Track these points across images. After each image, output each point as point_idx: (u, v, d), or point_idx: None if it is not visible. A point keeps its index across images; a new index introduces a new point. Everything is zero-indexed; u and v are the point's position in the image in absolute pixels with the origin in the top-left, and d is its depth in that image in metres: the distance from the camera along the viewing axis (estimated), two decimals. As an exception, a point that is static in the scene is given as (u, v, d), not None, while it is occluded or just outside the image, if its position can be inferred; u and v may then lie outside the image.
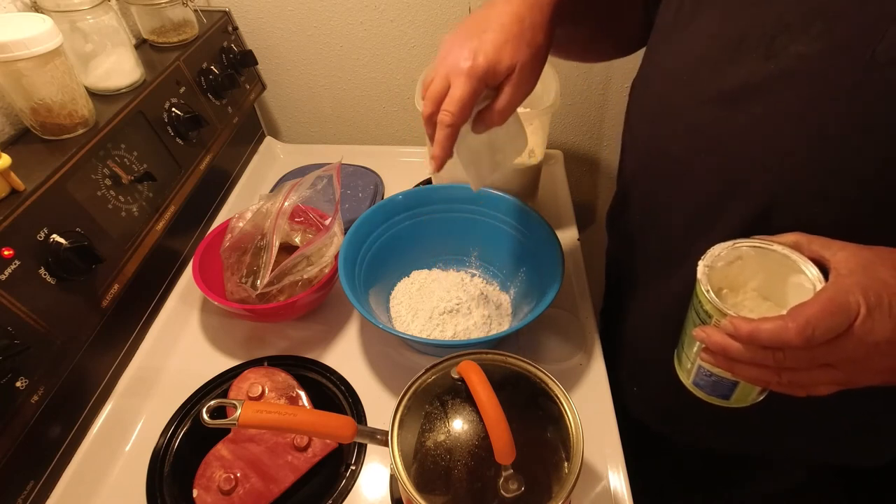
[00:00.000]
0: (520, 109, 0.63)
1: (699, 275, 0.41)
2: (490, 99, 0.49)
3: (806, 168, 0.41)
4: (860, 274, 0.36)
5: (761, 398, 0.45)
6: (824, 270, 0.39)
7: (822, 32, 0.38)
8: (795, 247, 0.41)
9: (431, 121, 0.49)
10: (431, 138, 0.49)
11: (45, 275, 0.56)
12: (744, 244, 0.42)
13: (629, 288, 0.67)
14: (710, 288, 0.40)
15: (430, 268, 0.81)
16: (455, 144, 0.49)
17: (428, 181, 0.95)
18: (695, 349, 0.44)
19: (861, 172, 0.39)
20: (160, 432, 0.64)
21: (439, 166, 0.50)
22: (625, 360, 0.71)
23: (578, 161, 1.15)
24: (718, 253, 0.42)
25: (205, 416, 0.46)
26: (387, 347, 0.73)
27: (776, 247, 0.41)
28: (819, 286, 0.38)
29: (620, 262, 0.70)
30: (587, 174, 1.18)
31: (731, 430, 0.62)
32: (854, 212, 0.41)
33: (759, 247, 0.42)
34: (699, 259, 0.43)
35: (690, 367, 0.46)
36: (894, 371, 0.37)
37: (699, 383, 0.46)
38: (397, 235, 0.76)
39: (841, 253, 0.38)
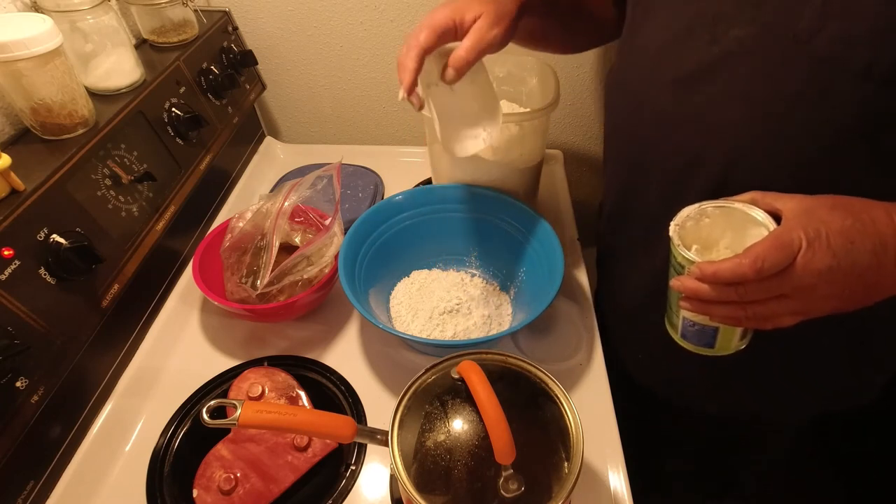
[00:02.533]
0: (520, 109, 0.63)
1: (671, 233, 0.46)
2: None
3: (755, 139, 0.47)
4: (803, 216, 0.41)
5: (743, 345, 0.49)
6: (779, 220, 0.43)
7: (753, 17, 0.44)
8: (752, 203, 0.46)
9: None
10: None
11: (45, 275, 0.56)
12: (708, 205, 0.47)
13: (618, 268, 0.72)
14: (680, 242, 0.45)
15: (430, 268, 0.81)
16: (429, 96, 0.55)
17: (428, 181, 0.95)
18: (679, 305, 0.48)
19: (801, 140, 0.45)
20: (160, 432, 0.64)
21: (409, 82, 0.52)
22: (620, 342, 0.74)
23: (578, 161, 1.15)
24: (687, 214, 0.47)
25: (205, 416, 0.46)
26: (387, 347, 0.72)
27: (737, 204, 0.46)
28: None
29: (609, 246, 0.75)
30: (587, 174, 1.18)
31: (727, 392, 0.67)
32: (800, 174, 0.46)
33: (722, 206, 0.47)
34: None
35: (676, 321, 0.51)
36: (841, 297, 0.42)
37: (686, 335, 0.51)
38: (397, 235, 0.76)
39: (790, 202, 0.43)
